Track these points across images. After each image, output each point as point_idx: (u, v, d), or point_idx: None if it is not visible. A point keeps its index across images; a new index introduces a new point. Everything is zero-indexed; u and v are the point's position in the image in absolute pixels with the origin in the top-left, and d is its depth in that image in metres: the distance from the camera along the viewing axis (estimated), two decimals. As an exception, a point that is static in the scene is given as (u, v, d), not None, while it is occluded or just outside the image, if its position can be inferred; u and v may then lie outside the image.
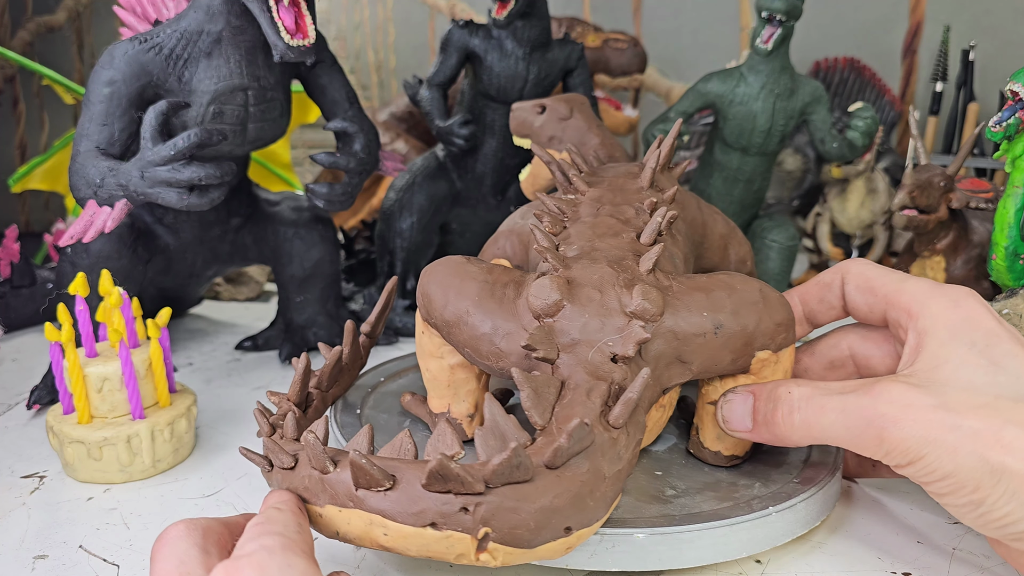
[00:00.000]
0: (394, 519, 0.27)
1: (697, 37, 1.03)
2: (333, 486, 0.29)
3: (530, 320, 0.34)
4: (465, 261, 0.37)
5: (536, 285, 0.34)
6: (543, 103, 0.53)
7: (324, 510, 0.29)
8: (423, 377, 0.41)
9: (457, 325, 0.35)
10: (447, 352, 0.38)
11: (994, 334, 0.33)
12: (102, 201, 0.49)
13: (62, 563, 0.36)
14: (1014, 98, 0.45)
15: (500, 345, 0.34)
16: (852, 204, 0.81)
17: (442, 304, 0.36)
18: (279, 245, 0.63)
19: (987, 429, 0.30)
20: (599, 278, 0.34)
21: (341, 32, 1.16)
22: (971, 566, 0.35)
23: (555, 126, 0.51)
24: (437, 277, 0.37)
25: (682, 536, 0.33)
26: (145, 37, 0.51)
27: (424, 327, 0.39)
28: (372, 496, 0.28)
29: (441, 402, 0.40)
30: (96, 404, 0.44)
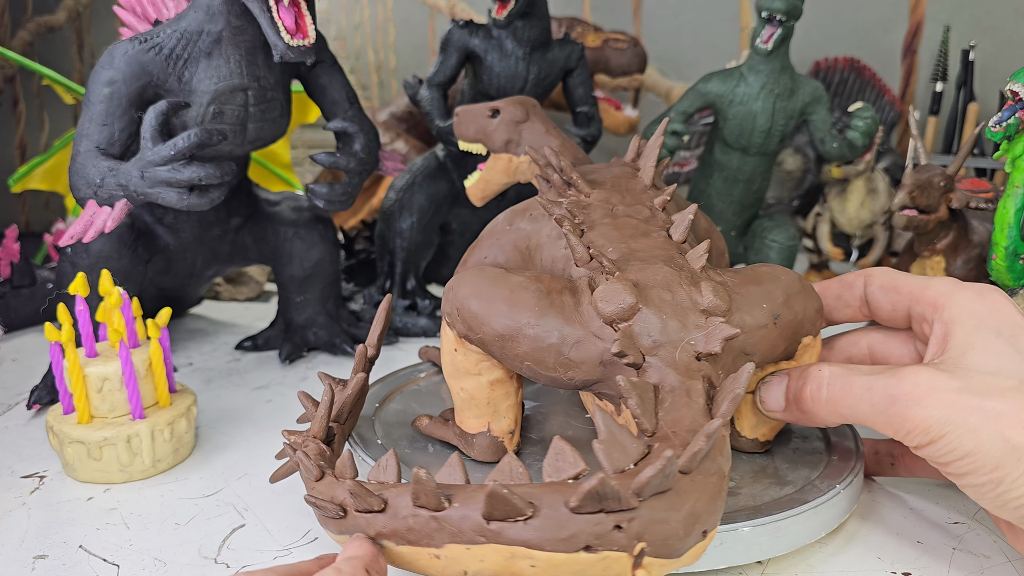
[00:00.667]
0: (542, 548, 0.25)
1: (697, 37, 1.03)
2: (455, 523, 0.26)
3: (600, 326, 0.33)
4: (502, 271, 0.35)
5: (606, 290, 0.33)
6: (494, 106, 0.51)
7: (443, 551, 0.27)
8: (455, 397, 0.38)
9: (515, 339, 0.33)
10: (485, 368, 0.36)
11: (1019, 324, 0.34)
12: (102, 201, 0.49)
13: (62, 563, 0.36)
14: (1014, 98, 0.45)
15: (570, 355, 0.33)
16: (852, 204, 0.81)
17: (491, 318, 0.34)
18: (279, 245, 0.63)
19: (1010, 410, 0.30)
20: (663, 278, 0.34)
21: (341, 32, 1.16)
22: (971, 566, 0.35)
23: (511, 129, 0.50)
24: (476, 290, 0.34)
25: (780, 525, 0.34)
26: (145, 37, 0.51)
27: (459, 344, 0.36)
28: (511, 527, 0.26)
29: (479, 421, 0.38)
30: (96, 404, 0.44)
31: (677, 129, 0.63)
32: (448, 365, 0.37)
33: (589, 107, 0.71)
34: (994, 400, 0.31)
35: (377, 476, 0.30)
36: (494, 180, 0.52)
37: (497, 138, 0.50)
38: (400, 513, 0.27)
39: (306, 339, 0.64)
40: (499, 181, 0.52)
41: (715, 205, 0.67)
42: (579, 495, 0.25)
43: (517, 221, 0.44)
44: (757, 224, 0.68)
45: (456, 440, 0.40)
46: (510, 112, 0.50)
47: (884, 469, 0.42)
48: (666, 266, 0.35)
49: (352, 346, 0.64)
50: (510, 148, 0.50)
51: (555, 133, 0.50)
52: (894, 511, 0.40)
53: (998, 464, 0.30)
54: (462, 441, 0.40)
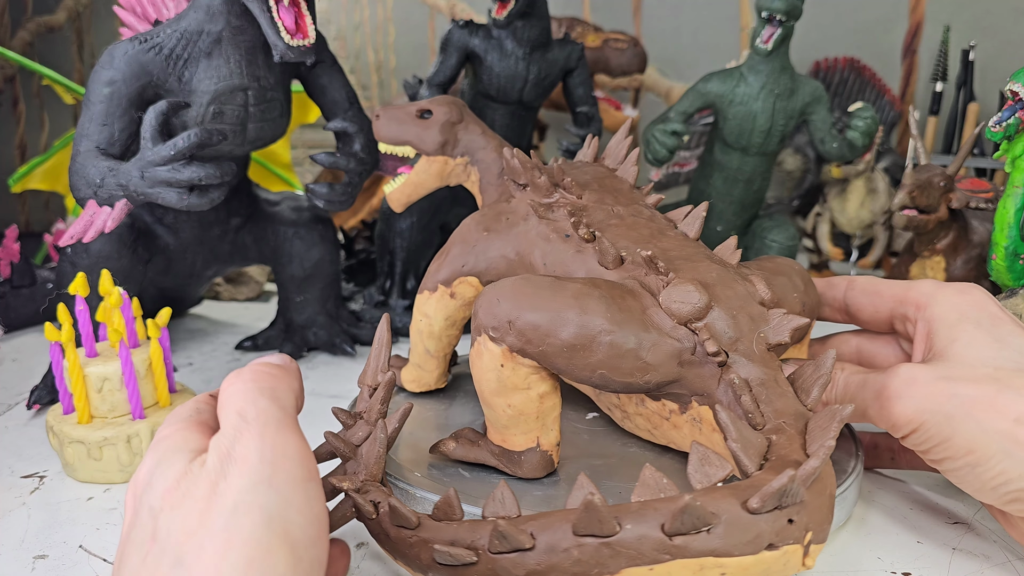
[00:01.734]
0: (731, 554, 0.25)
1: (697, 37, 1.03)
2: (632, 545, 0.25)
3: (673, 327, 0.33)
4: (553, 279, 0.34)
5: (678, 291, 0.33)
6: (423, 107, 0.48)
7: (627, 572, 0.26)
8: (497, 416, 0.36)
9: (588, 347, 0.32)
10: (535, 382, 0.35)
11: (997, 317, 0.35)
12: (102, 201, 0.49)
13: (62, 563, 0.36)
14: (1014, 98, 0.45)
15: (647, 358, 0.33)
16: (852, 204, 0.81)
17: (558, 328, 0.32)
18: (279, 245, 0.63)
19: (984, 395, 0.32)
20: (717, 275, 0.35)
21: (341, 32, 1.16)
22: (971, 566, 0.36)
23: (447, 131, 0.48)
24: (533, 302, 0.33)
25: None
26: (145, 37, 0.51)
27: (507, 359, 0.34)
28: (695, 540, 0.25)
29: (527, 437, 0.36)
30: (96, 404, 0.44)
31: (677, 129, 0.63)
32: (491, 383, 0.35)
33: (589, 107, 0.71)
34: (968, 387, 0.32)
35: (496, 511, 0.28)
36: (424, 184, 0.50)
37: (431, 140, 0.48)
38: (559, 547, 0.26)
39: (306, 339, 0.64)
40: (430, 185, 0.50)
41: (715, 205, 0.67)
42: (763, 496, 0.25)
43: (493, 226, 0.42)
44: (757, 224, 0.68)
45: (496, 461, 0.38)
46: (445, 113, 0.48)
47: (884, 462, 0.43)
48: (713, 263, 0.36)
49: (352, 346, 0.64)
50: (446, 150, 0.48)
51: (491, 134, 0.49)
52: (894, 511, 0.40)
53: (972, 448, 0.32)
54: (505, 460, 0.37)
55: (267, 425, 0.26)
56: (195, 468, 0.26)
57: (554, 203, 0.41)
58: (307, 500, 0.25)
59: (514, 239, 0.41)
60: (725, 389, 0.32)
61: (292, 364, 0.32)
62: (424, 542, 0.29)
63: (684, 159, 0.85)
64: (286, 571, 0.23)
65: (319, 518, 0.25)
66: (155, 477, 0.26)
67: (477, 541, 0.27)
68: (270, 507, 0.24)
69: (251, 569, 0.22)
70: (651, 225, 0.39)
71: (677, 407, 0.36)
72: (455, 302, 0.43)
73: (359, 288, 0.83)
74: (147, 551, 0.24)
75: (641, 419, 0.39)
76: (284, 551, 0.23)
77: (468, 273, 0.42)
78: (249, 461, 0.25)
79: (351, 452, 0.34)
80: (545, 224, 0.40)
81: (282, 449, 0.26)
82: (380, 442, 0.32)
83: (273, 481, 0.25)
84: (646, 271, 0.36)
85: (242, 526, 0.23)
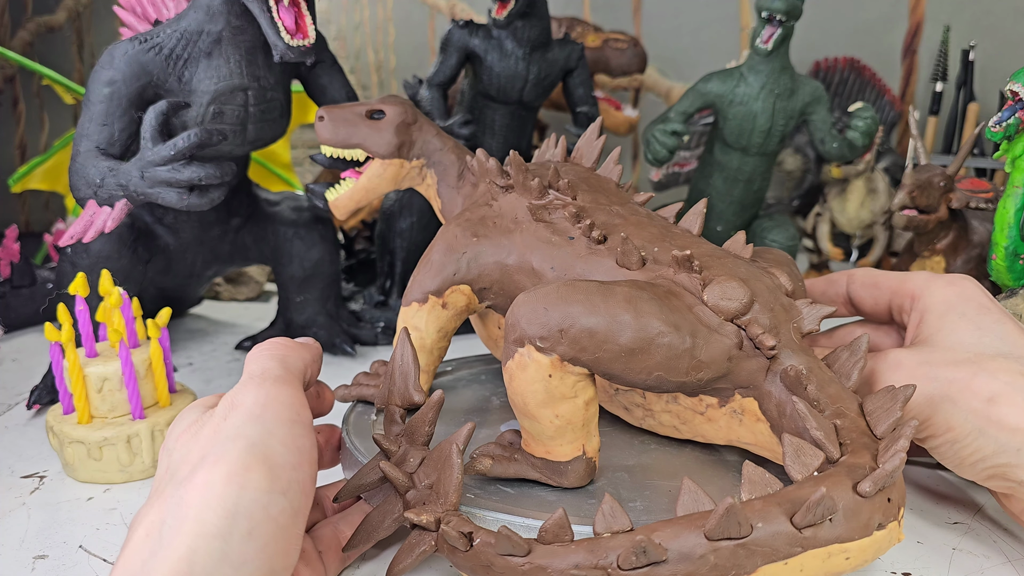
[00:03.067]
0: (852, 539, 0.27)
1: (697, 37, 1.03)
2: (767, 543, 0.26)
3: (720, 323, 0.34)
4: (597, 283, 0.33)
5: (723, 288, 0.34)
6: (373, 107, 0.46)
7: (764, 570, 0.27)
8: (542, 428, 0.34)
9: (646, 350, 0.32)
10: (581, 389, 0.34)
11: (984, 307, 0.37)
12: (102, 201, 0.49)
13: (62, 563, 0.36)
14: (1014, 98, 0.45)
15: (701, 357, 0.33)
16: (852, 204, 0.81)
17: (616, 333, 0.32)
18: (279, 245, 0.63)
19: (961, 377, 0.34)
20: (746, 271, 0.36)
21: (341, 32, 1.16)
22: (971, 566, 0.35)
23: (403, 132, 0.45)
24: (586, 308, 0.32)
25: None
26: (145, 37, 0.51)
27: (556, 369, 0.33)
28: (822, 529, 0.27)
29: (573, 446, 0.35)
30: (96, 404, 0.44)
31: (677, 129, 0.63)
32: (538, 395, 0.33)
33: (589, 107, 0.71)
34: (948, 370, 0.35)
35: (609, 526, 0.28)
36: (376, 189, 0.47)
37: (385, 142, 0.45)
38: (695, 554, 0.26)
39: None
40: (382, 191, 0.47)
41: (715, 205, 0.67)
42: (875, 480, 0.27)
43: (482, 232, 0.41)
44: (757, 224, 0.68)
45: (537, 474, 0.36)
46: (399, 113, 0.45)
47: None
48: (738, 259, 0.37)
49: (352, 346, 0.64)
50: (402, 153, 0.46)
51: (445, 135, 0.47)
52: (894, 511, 0.40)
53: (950, 426, 0.34)
54: (548, 472, 0.36)
55: (266, 379, 0.31)
56: (205, 417, 0.31)
57: (548, 205, 0.40)
58: (291, 435, 0.29)
59: (509, 244, 0.40)
60: (773, 379, 0.34)
61: (313, 343, 0.36)
62: (540, 569, 0.27)
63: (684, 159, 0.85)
64: (261, 484, 0.27)
65: (301, 451, 0.29)
66: (174, 427, 0.31)
67: (602, 560, 0.27)
68: (254, 436, 0.28)
69: (230, 481, 0.27)
70: (654, 224, 0.39)
71: (716, 401, 0.36)
72: (447, 312, 0.41)
73: (359, 288, 0.83)
74: (162, 479, 0.30)
75: (668, 416, 0.39)
76: (262, 470, 0.27)
77: (460, 281, 0.41)
78: (245, 404, 0.30)
79: (409, 481, 0.32)
80: (544, 227, 0.39)
81: (275, 395, 0.30)
82: (458, 468, 0.30)
83: (262, 418, 0.29)
84: (675, 270, 0.35)
85: (228, 450, 0.27)
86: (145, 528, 0.27)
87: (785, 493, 0.27)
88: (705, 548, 0.26)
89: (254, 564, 0.26)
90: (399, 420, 0.35)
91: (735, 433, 0.37)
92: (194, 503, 0.26)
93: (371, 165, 0.46)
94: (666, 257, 0.37)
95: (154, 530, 0.26)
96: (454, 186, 0.46)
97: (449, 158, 0.46)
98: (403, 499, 0.32)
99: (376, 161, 0.46)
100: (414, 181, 0.47)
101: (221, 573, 0.25)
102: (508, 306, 0.40)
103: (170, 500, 0.27)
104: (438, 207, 0.47)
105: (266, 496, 0.27)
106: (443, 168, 0.46)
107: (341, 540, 0.35)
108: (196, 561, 0.25)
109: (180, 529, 0.26)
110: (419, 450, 0.33)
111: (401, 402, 0.35)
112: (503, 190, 0.42)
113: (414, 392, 0.35)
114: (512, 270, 0.40)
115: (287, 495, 0.28)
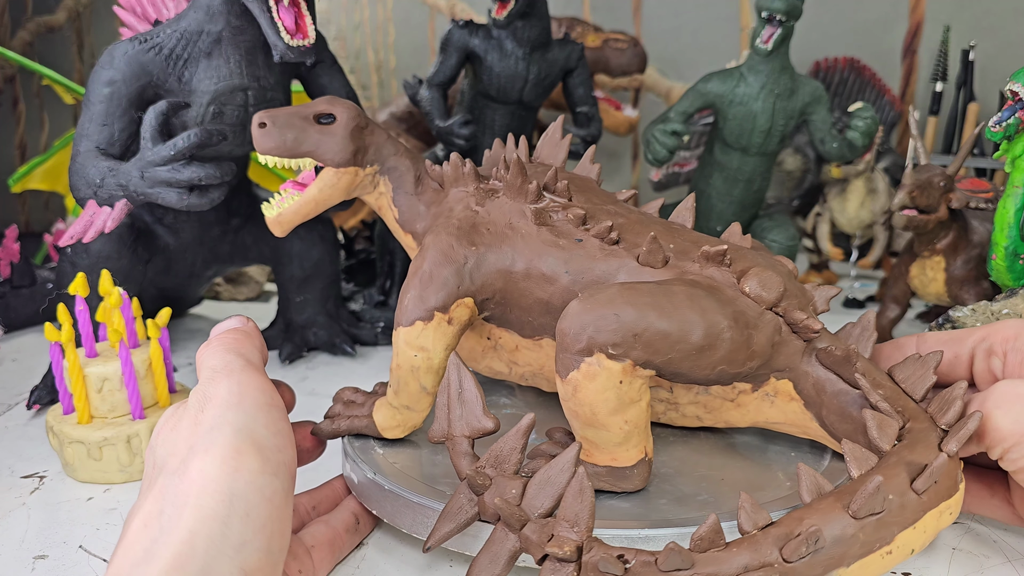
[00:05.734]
0: (950, 495, 0.30)
1: (697, 37, 1.03)
2: (900, 512, 0.29)
3: (761, 313, 0.35)
4: (656, 285, 0.33)
5: (761, 279, 0.35)
6: (321, 110, 0.42)
7: (894, 543, 0.28)
8: (610, 436, 0.34)
9: (713, 346, 0.33)
10: (645, 391, 0.34)
11: None
12: (102, 201, 0.49)
13: (62, 563, 0.36)
14: (1014, 98, 0.45)
15: (754, 347, 0.34)
16: (852, 204, 0.81)
17: (688, 332, 0.32)
18: (279, 245, 0.63)
19: None
20: (764, 260, 0.37)
21: (341, 32, 1.16)
22: (971, 566, 0.35)
23: (358, 137, 0.41)
24: (657, 311, 0.32)
25: None
26: (145, 37, 0.51)
27: (627, 375, 0.33)
28: (935, 490, 0.30)
29: (637, 449, 0.35)
30: (96, 404, 0.44)
31: (677, 129, 0.63)
32: (610, 402, 0.33)
33: (589, 107, 0.71)
34: None
35: (756, 522, 0.28)
36: (328, 202, 0.42)
37: (340, 149, 0.41)
38: (846, 535, 0.28)
39: (306, 339, 0.64)
40: (332, 203, 0.43)
41: (715, 205, 0.67)
42: (958, 439, 0.31)
43: (478, 240, 0.39)
44: (757, 224, 0.68)
45: (603, 483, 0.35)
46: (352, 116, 0.41)
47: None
48: (748, 250, 0.38)
49: (352, 346, 0.64)
50: (358, 160, 0.41)
51: (395, 139, 0.43)
52: (894, 511, 0.40)
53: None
54: (613, 479, 0.35)
55: (233, 371, 0.32)
56: (180, 410, 0.31)
57: (546, 207, 0.39)
58: (271, 419, 0.30)
59: (511, 250, 0.38)
60: (809, 360, 0.36)
61: (250, 325, 0.36)
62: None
63: (684, 159, 0.86)
64: (253, 466, 0.28)
65: (283, 432, 0.30)
66: (156, 428, 0.32)
67: (768, 557, 0.27)
68: (238, 422, 0.29)
69: (225, 465, 0.27)
70: (653, 222, 0.39)
71: (750, 387, 0.37)
72: (452, 328, 0.38)
73: (359, 288, 0.83)
74: (150, 476, 0.30)
75: (694, 407, 0.39)
76: (253, 452, 0.28)
77: (464, 294, 0.38)
78: (220, 395, 0.30)
79: (522, 514, 0.30)
80: (547, 230, 0.38)
81: (247, 383, 0.31)
82: (589, 490, 0.29)
83: (240, 405, 0.30)
84: (701, 265, 0.36)
85: (215, 439, 0.28)
86: (142, 519, 0.27)
87: (898, 463, 0.30)
88: (854, 527, 0.28)
89: (252, 544, 0.27)
90: (471, 451, 0.33)
91: (763, 415, 0.38)
92: (191, 490, 0.27)
93: (323, 175, 0.42)
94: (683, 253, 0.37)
95: (152, 520, 0.27)
96: (412, 193, 0.42)
97: (404, 163, 0.43)
98: (519, 534, 0.29)
99: (329, 170, 0.41)
100: (365, 190, 0.43)
101: (223, 554, 0.26)
102: (508, 316, 0.40)
103: (166, 490, 0.28)
104: (393, 216, 0.43)
105: (260, 478, 0.28)
106: (398, 174, 0.43)
107: (333, 537, 0.36)
108: (198, 544, 0.26)
109: (180, 515, 0.26)
110: (513, 480, 0.31)
111: (470, 432, 0.33)
112: (489, 194, 0.40)
113: (486, 420, 0.33)
114: (518, 277, 0.38)
115: (278, 476, 0.29)
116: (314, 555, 0.35)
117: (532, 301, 0.38)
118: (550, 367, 0.40)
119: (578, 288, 0.37)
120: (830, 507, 0.28)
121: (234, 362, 0.33)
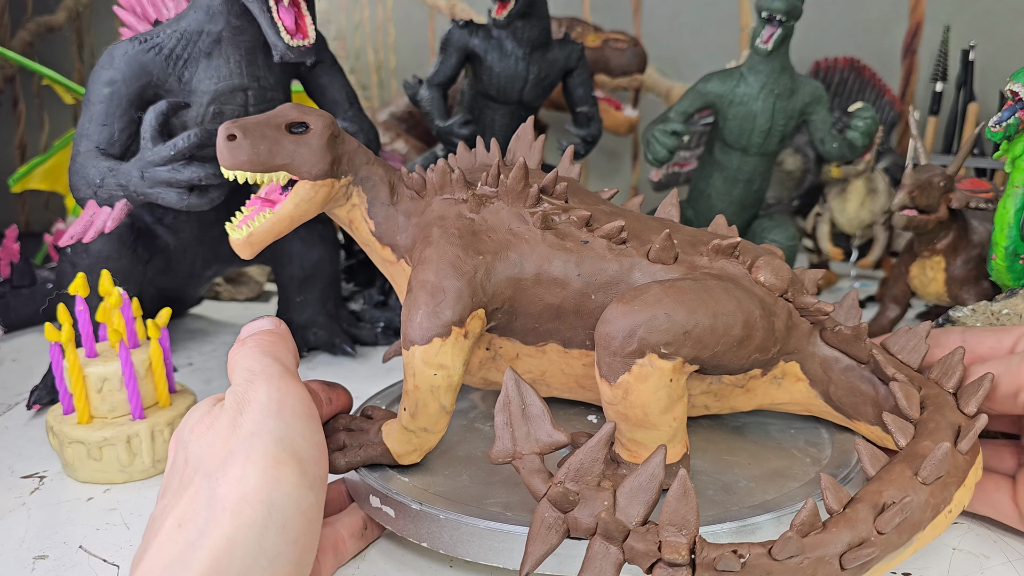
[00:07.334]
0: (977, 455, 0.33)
1: (697, 37, 1.03)
2: (956, 472, 0.31)
3: (775, 300, 0.37)
4: (690, 281, 0.34)
5: (772, 267, 0.37)
6: (292, 118, 0.38)
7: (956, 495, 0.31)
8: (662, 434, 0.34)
9: (750, 336, 0.35)
10: (685, 387, 0.35)
11: None
12: (102, 201, 0.49)
13: (62, 563, 0.36)
14: (1014, 98, 0.45)
15: (777, 333, 0.36)
16: (852, 204, 0.81)
17: (731, 326, 0.34)
18: (279, 245, 0.63)
19: None
20: (762, 249, 0.39)
21: (341, 32, 1.16)
22: (971, 566, 0.36)
23: (334, 146, 0.38)
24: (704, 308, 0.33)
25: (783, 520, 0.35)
26: (145, 37, 0.51)
27: (676, 372, 0.33)
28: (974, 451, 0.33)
29: (682, 444, 0.36)
30: (96, 404, 0.44)
31: (677, 129, 0.63)
32: (662, 401, 0.33)
33: (589, 107, 0.71)
34: None
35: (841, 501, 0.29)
36: (302, 218, 0.39)
37: (318, 160, 0.37)
38: (920, 500, 0.30)
39: (306, 339, 0.64)
40: (307, 218, 0.39)
41: (715, 205, 0.67)
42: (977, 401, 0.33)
43: (483, 248, 0.37)
44: (757, 224, 0.68)
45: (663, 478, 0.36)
46: (327, 124, 0.38)
47: None
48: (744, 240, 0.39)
49: (352, 346, 0.64)
50: (335, 171, 0.38)
51: (364, 147, 0.41)
52: (894, 511, 0.40)
53: None
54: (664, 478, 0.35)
55: (272, 376, 0.32)
56: (216, 410, 0.31)
57: (546, 211, 0.38)
58: (309, 430, 0.30)
59: (518, 256, 0.37)
60: (815, 340, 0.38)
61: (283, 327, 0.37)
62: (819, 560, 0.28)
63: (684, 159, 0.85)
64: (292, 479, 0.28)
65: (320, 445, 0.31)
66: (187, 419, 0.32)
67: (864, 532, 0.29)
68: (278, 432, 0.29)
69: (266, 476, 0.28)
70: (649, 220, 0.40)
71: (760, 372, 0.38)
72: (468, 341, 0.36)
73: (359, 288, 0.83)
74: (182, 473, 0.30)
75: (705, 396, 0.40)
76: (292, 464, 0.28)
77: (478, 305, 0.36)
78: (259, 401, 0.30)
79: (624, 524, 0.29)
80: (551, 234, 0.38)
81: (286, 391, 0.31)
82: (692, 491, 0.28)
83: (280, 414, 0.30)
84: (711, 259, 0.37)
85: (256, 446, 0.28)
86: (177, 518, 0.27)
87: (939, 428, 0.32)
88: (926, 493, 0.30)
89: (286, 557, 0.27)
90: (543, 467, 0.31)
91: (770, 397, 0.40)
92: (231, 496, 0.27)
93: (298, 189, 0.38)
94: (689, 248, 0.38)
95: (188, 520, 0.27)
96: (388, 203, 0.40)
97: (377, 172, 0.40)
98: (622, 546, 0.29)
99: (304, 184, 0.38)
100: (338, 202, 0.40)
101: (257, 565, 0.26)
102: (513, 324, 0.39)
103: (202, 492, 0.28)
104: (368, 229, 0.40)
105: (297, 491, 0.28)
106: (372, 184, 0.40)
107: (339, 541, 0.36)
108: (235, 552, 0.26)
109: (218, 521, 0.27)
110: (601, 491, 0.30)
111: (540, 448, 0.31)
112: (482, 200, 0.39)
113: (557, 434, 0.31)
114: (528, 284, 0.37)
115: (313, 489, 0.29)
116: (320, 559, 0.34)
117: (541, 307, 0.38)
118: (552, 373, 0.40)
119: (591, 291, 0.37)
120: (901, 476, 0.30)
121: (272, 366, 0.32)
